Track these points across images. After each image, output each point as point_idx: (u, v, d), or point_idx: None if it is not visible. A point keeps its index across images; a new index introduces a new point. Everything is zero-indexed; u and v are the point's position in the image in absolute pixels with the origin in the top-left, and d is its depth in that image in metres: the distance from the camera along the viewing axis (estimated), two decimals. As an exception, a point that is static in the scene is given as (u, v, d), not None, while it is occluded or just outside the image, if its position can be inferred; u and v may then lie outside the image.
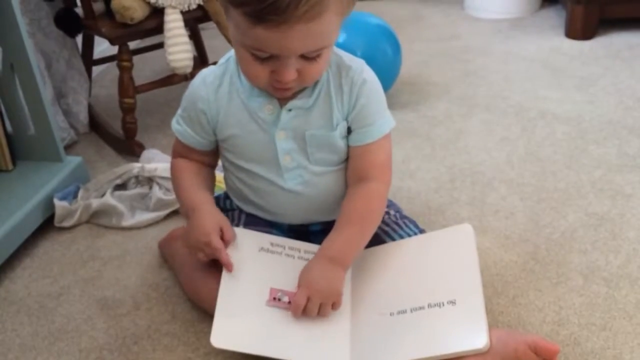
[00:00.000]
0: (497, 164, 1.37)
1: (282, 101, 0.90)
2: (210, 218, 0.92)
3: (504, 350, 0.82)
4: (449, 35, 2.10)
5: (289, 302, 0.89)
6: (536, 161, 1.37)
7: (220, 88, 0.93)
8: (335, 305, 0.90)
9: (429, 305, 0.88)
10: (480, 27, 2.15)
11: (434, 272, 0.92)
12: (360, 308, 0.91)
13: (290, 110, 0.90)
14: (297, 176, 0.95)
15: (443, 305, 0.87)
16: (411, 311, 0.88)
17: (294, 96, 0.90)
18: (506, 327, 0.95)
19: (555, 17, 2.14)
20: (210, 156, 1.01)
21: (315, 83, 0.89)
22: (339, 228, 0.93)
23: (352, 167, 0.96)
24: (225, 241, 0.92)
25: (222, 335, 0.85)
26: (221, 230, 0.92)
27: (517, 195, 1.26)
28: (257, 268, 0.92)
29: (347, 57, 0.92)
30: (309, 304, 0.87)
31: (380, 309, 0.90)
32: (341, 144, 0.94)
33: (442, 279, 0.90)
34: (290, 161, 0.94)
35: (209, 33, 1.99)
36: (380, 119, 0.93)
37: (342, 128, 0.92)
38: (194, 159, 0.99)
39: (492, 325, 0.89)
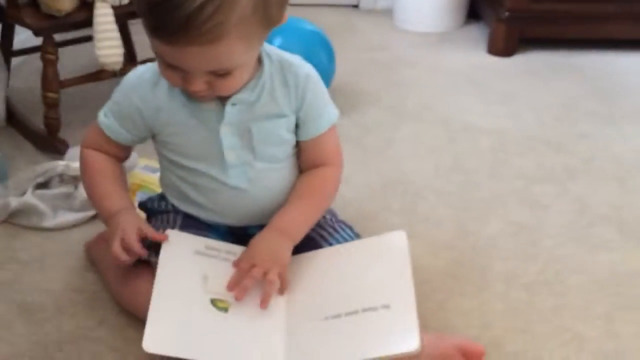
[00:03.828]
0: (425, 173, 1.42)
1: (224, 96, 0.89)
2: (131, 220, 0.92)
3: (435, 353, 0.86)
4: (380, 46, 2.14)
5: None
6: (461, 171, 1.43)
7: (157, 85, 0.91)
8: (281, 276, 0.89)
9: (363, 310, 0.89)
10: (409, 39, 2.21)
11: (368, 277, 0.93)
12: (295, 312, 0.92)
13: (234, 104, 0.90)
14: (242, 173, 0.95)
15: (377, 309, 0.88)
16: (345, 315, 0.89)
17: (236, 91, 0.89)
18: (435, 331, 0.99)
19: (478, 34, 2.24)
20: (127, 151, 1.00)
21: (258, 78, 0.90)
22: (290, 202, 0.95)
23: (306, 158, 0.98)
24: (151, 237, 0.91)
25: (155, 340, 0.83)
26: (141, 230, 0.91)
27: (445, 204, 1.31)
28: (192, 271, 0.91)
29: (286, 54, 0.95)
30: (255, 268, 0.88)
31: (315, 314, 0.91)
32: (288, 137, 0.95)
33: (377, 284, 0.92)
34: (236, 157, 0.93)
35: (138, 28, 1.93)
36: (327, 109, 0.96)
37: (290, 121, 0.94)
38: (110, 153, 0.98)
39: (421, 329, 0.92)
